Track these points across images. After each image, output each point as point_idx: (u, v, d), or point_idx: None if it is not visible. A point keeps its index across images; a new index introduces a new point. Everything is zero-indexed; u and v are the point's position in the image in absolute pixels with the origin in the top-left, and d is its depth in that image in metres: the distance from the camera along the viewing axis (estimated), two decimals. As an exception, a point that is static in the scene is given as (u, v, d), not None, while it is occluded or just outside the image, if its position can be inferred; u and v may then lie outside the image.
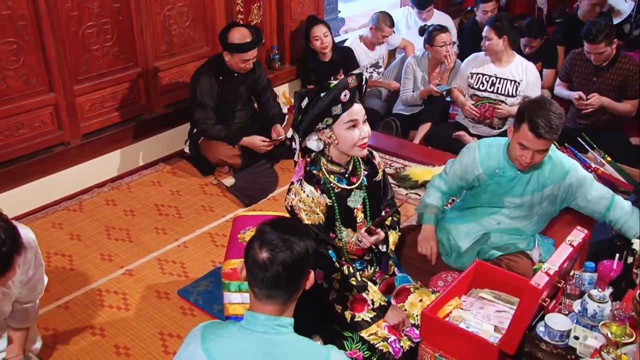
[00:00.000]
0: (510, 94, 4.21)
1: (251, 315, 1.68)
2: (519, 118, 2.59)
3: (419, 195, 3.82)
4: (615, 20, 6.10)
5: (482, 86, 4.28)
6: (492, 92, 4.25)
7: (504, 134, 3.86)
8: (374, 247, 2.46)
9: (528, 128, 2.52)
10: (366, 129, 2.33)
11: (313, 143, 2.38)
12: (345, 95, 2.24)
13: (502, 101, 4.24)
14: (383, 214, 2.53)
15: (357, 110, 2.30)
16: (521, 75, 4.19)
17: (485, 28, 4.21)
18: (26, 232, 2.08)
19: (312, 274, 1.76)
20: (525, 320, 2.06)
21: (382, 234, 2.44)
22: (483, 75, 4.28)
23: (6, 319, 2.29)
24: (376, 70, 5.18)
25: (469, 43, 5.35)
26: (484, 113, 4.29)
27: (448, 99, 4.63)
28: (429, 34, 4.59)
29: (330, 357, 1.65)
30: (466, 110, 4.37)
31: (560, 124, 2.54)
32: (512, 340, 2.04)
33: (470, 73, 4.33)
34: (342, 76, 2.31)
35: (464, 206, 2.98)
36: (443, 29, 4.59)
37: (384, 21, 4.91)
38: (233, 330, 1.68)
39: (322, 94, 2.25)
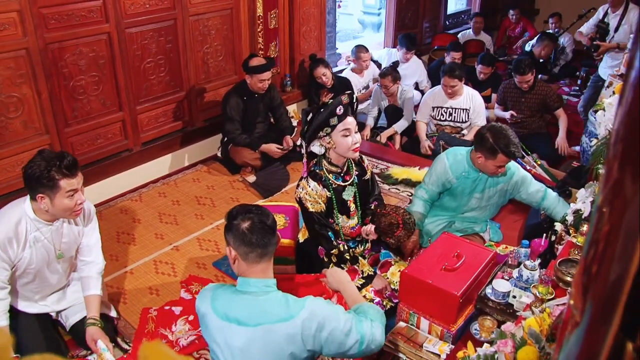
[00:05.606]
0: (463, 120, 4.17)
1: (243, 280, 1.65)
2: (492, 150, 2.61)
3: (399, 189, 3.85)
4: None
5: (442, 117, 4.21)
6: (451, 120, 4.20)
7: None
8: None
9: (505, 155, 2.59)
10: (357, 137, 2.33)
11: (316, 148, 2.39)
12: (339, 110, 2.24)
13: (460, 127, 4.21)
14: (372, 207, 2.58)
15: (350, 121, 2.31)
16: (469, 103, 4.14)
17: (446, 78, 4.00)
18: (90, 204, 2.33)
19: (279, 236, 1.72)
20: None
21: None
22: (442, 107, 4.19)
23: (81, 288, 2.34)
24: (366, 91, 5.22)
25: (436, 77, 5.36)
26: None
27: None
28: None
29: (307, 301, 1.61)
30: (422, 147, 4.25)
31: (518, 141, 2.62)
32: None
33: (432, 107, 4.23)
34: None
35: (437, 204, 3.01)
36: (385, 73, 4.47)
37: (360, 51, 5.01)
38: (229, 292, 1.66)
39: (322, 110, 2.28)
